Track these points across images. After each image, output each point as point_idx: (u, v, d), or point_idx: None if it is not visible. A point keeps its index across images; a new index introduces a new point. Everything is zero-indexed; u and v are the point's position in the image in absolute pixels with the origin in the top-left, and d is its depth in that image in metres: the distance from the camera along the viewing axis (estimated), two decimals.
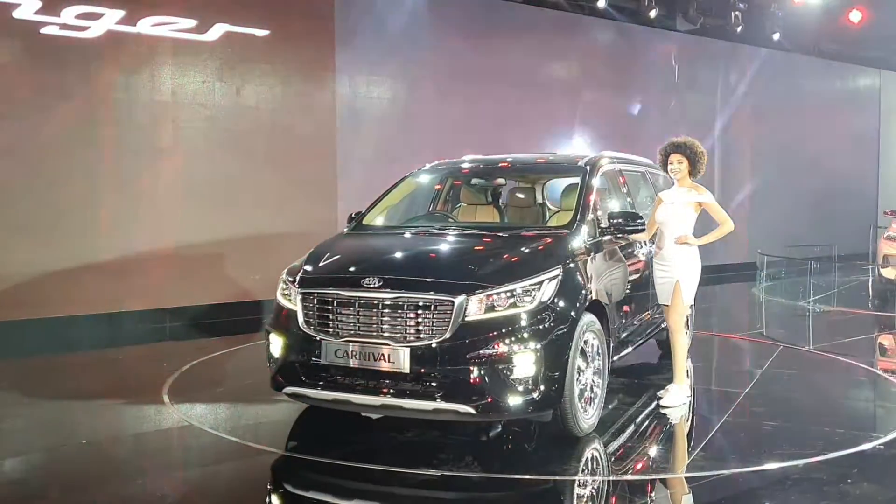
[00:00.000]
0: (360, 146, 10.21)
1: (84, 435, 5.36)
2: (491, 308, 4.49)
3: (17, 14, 7.91)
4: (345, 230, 6.00)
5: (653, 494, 4.33)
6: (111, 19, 8.37)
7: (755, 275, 13.64)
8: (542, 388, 4.51)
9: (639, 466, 4.73)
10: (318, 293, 4.76)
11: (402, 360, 4.46)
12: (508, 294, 4.54)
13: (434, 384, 4.46)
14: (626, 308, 5.84)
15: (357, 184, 9.75)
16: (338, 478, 4.50)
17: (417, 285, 4.58)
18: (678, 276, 5.72)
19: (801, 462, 4.65)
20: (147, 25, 8.59)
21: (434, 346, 4.43)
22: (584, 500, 4.33)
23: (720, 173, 14.28)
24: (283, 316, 4.93)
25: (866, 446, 4.95)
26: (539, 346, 4.48)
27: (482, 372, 4.40)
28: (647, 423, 5.51)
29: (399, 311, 4.52)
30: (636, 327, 6.16)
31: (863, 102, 17.69)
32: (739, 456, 4.81)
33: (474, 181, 6.68)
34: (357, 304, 4.61)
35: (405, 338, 4.49)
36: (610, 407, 5.67)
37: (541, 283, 4.62)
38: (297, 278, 4.95)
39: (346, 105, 10.11)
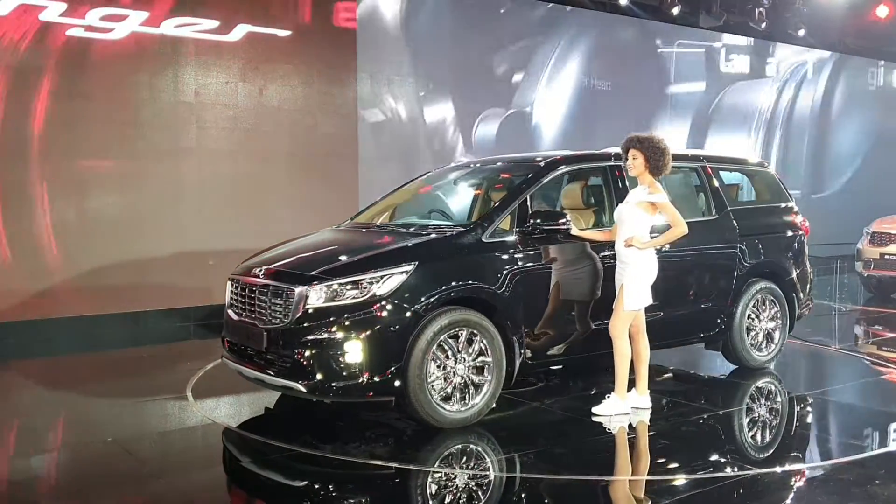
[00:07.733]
0: (381, 146, 10.23)
1: (109, 432, 5.40)
2: (332, 298, 4.86)
3: (42, 16, 7.99)
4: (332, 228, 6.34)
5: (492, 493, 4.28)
6: (135, 21, 8.43)
7: None
8: (370, 375, 4.80)
9: (486, 464, 4.67)
10: (235, 279, 5.54)
11: (262, 339, 5.05)
12: (348, 286, 4.87)
13: (280, 363, 4.98)
14: (546, 310, 5.46)
15: (379, 183, 9.74)
16: (360, 475, 4.50)
17: (278, 275, 5.18)
18: (623, 279, 5.31)
19: (827, 463, 4.59)
20: (170, 27, 8.64)
21: (281, 329, 4.95)
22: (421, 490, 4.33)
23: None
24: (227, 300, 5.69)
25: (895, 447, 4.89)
26: (366, 335, 4.79)
27: (314, 354, 4.82)
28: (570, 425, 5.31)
29: (264, 297, 5.11)
30: (576, 334, 5.61)
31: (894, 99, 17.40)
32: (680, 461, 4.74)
33: (461, 183, 6.70)
34: (247, 290, 5.30)
35: (270, 321, 5.03)
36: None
37: (383, 276, 4.88)
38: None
39: (367, 104, 10.12)
